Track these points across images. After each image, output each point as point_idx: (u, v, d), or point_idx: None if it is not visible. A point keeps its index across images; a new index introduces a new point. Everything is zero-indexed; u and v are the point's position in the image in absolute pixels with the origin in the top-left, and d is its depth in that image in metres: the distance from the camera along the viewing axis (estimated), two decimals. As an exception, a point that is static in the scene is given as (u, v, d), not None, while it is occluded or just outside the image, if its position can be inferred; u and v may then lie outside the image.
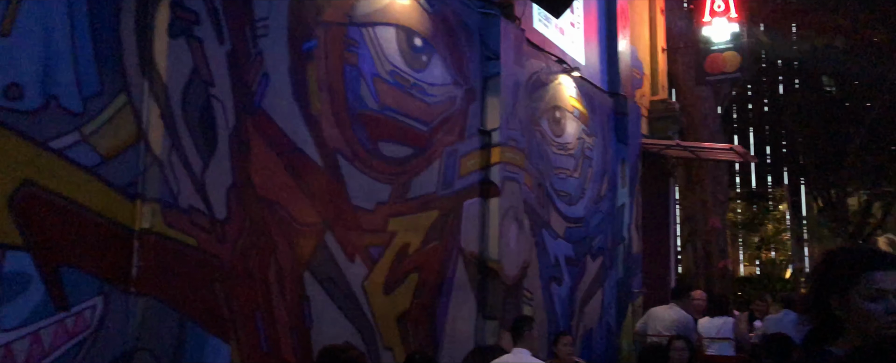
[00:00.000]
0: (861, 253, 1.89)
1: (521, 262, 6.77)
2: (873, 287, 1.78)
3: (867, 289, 1.79)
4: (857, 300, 1.80)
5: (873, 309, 1.78)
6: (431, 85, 5.85)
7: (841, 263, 1.88)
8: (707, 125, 12.60)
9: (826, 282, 1.88)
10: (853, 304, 1.80)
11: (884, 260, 1.84)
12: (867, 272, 1.81)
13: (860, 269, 1.82)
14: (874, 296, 1.78)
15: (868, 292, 1.79)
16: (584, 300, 8.23)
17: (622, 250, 9.04)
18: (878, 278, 1.79)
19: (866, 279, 1.80)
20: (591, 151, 8.45)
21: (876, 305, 1.78)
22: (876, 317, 1.77)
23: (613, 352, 8.78)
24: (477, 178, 6.37)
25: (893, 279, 1.81)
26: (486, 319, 6.35)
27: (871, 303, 1.78)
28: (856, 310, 1.80)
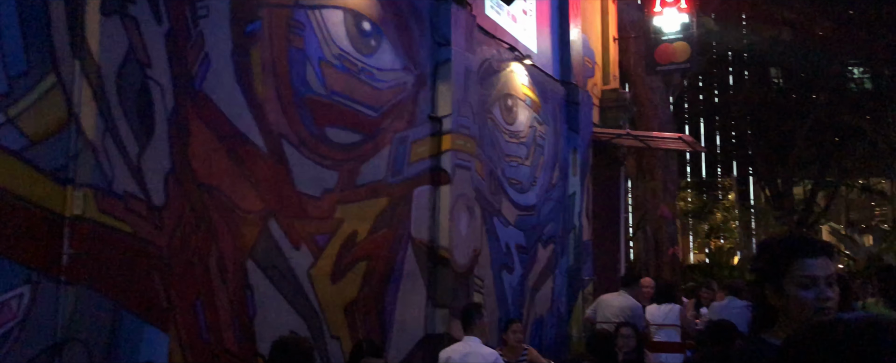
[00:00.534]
0: (792, 241, 1.89)
1: (472, 250, 6.75)
2: (804, 274, 1.79)
3: (798, 276, 1.80)
4: (789, 288, 1.80)
5: (804, 296, 1.78)
6: (380, 70, 5.76)
7: (773, 252, 1.89)
8: (658, 115, 12.78)
9: (761, 270, 1.89)
10: (786, 292, 1.81)
11: (813, 247, 1.84)
12: (798, 259, 1.81)
13: (791, 257, 1.82)
14: (805, 283, 1.79)
15: (799, 280, 1.79)
16: (535, 287, 8.27)
17: (573, 238, 9.11)
18: (809, 265, 1.80)
19: (797, 266, 1.80)
20: (542, 140, 8.47)
21: (807, 293, 1.78)
22: (807, 304, 1.78)
23: (564, 339, 8.86)
24: (427, 165, 6.32)
25: (823, 265, 1.81)
26: (436, 307, 6.32)
27: (803, 290, 1.79)
28: (788, 298, 1.81)
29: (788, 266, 1.82)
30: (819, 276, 1.79)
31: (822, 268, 1.80)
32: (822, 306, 1.78)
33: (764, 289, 1.87)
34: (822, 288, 1.79)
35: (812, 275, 1.79)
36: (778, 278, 1.83)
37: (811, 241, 1.88)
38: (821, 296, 1.78)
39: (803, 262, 1.81)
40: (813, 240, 1.91)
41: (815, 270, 1.79)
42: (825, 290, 1.79)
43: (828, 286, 1.81)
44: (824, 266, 1.82)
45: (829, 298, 1.80)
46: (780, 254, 1.86)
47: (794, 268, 1.81)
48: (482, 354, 5.30)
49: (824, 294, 1.79)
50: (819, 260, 1.81)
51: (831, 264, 1.86)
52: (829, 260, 1.84)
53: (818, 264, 1.80)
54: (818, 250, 1.83)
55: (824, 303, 1.78)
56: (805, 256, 1.81)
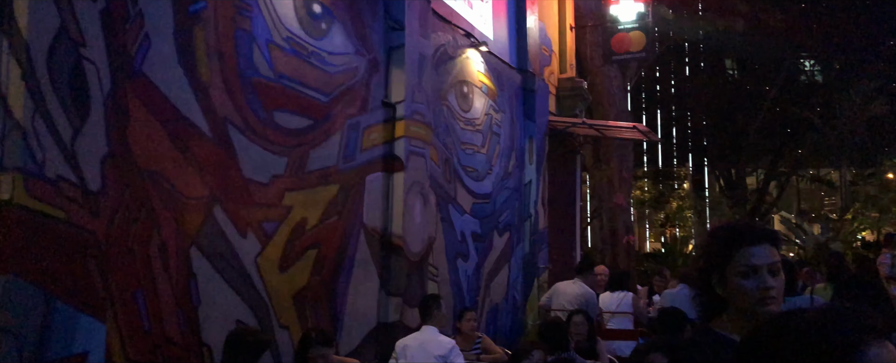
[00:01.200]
0: (734, 229, 1.86)
1: (426, 238, 6.68)
2: (746, 263, 1.76)
3: (740, 265, 1.77)
4: (733, 277, 1.78)
5: (746, 285, 1.76)
6: (331, 54, 5.64)
7: (717, 241, 1.86)
8: (614, 104, 12.86)
9: (706, 260, 1.87)
10: (729, 281, 1.79)
11: (756, 235, 1.81)
12: (740, 248, 1.78)
13: (734, 246, 1.79)
14: (746, 272, 1.76)
15: (740, 269, 1.77)
16: (491, 276, 8.25)
17: (529, 226, 9.12)
18: (750, 254, 1.77)
19: (739, 255, 1.78)
20: (498, 127, 8.44)
21: (749, 282, 1.76)
22: (749, 293, 1.76)
23: (519, 327, 8.87)
24: (380, 151, 6.22)
25: (765, 254, 1.78)
26: (389, 296, 6.24)
27: (745, 279, 1.76)
28: (732, 287, 1.78)
29: (731, 255, 1.79)
30: (760, 265, 1.76)
31: (764, 257, 1.78)
32: (763, 296, 1.75)
33: (710, 279, 1.84)
34: (764, 277, 1.76)
35: (753, 265, 1.76)
36: (722, 267, 1.80)
37: (754, 229, 1.84)
38: (762, 286, 1.75)
39: (745, 251, 1.78)
40: (756, 227, 1.87)
41: (756, 259, 1.77)
42: (767, 279, 1.76)
43: (770, 275, 1.77)
44: (767, 254, 1.78)
45: (770, 287, 1.77)
46: (723, 242, 1.83)
47: (737, 257, 1.78)
48: (439, 342, 5.27)
49: (766, 283, 1.76)
50: (761, 248, 1.78)
51: (775, 252, 1.82)
52: (772, 247, 1.81)
53: (760, 253, 1.77)
54: (761, 238, 1.81)
55: (766, 292, 1.75)
56: (747, 245, 1.78)
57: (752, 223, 2.00)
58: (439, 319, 5.50)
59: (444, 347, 5.18)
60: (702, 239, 1.97)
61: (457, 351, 5.36)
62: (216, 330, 4.54)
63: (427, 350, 5.14)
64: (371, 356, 6.09)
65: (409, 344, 5.35)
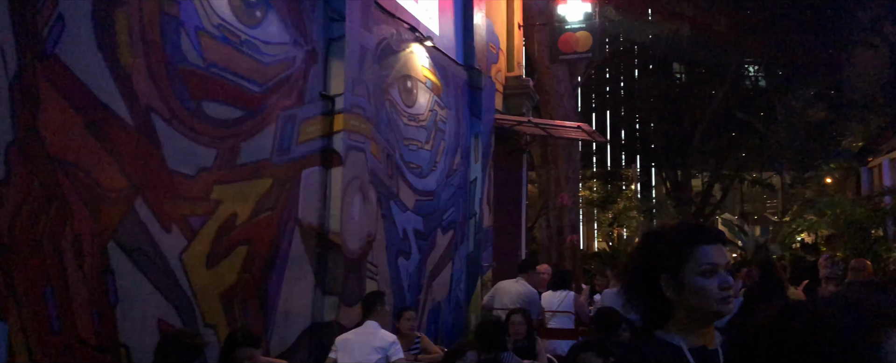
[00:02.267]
0: (689, 228, 1.80)
1: (365, 235, 6.53)
2: (707, 261, 1.71)
3: (699, 264, 1.71)
4: (690, 277, 1.71)
5: (707, 284, 1.71)
6: (266, 43, 5.43)
7: (670, 240, 1.78)
8: (563, 104, 12.88)
9: (653, 260, 1.77)
10: (686, 282, 1.72)
11: (711, 234, 1.78)
12: (697, 247, 1.73)
13: (690, 245, 1.74)
14: (707, 271, 1.71)
15: (700, 268, 1.71)
16: (433, 274, 8.14)
17: (473, 224, 9.03)
18: (708, 253, 1.73)
19: (697, 255, 1.72)
20: (443, 124, 8.32)
21: (709, 281, 1.71)
22: (711, 292, 1.71)
23: (462, 326, 8.78)
24: (318, 145, 6.04)
25: (721, 253, 1.76)
26: (324, 295, 6.07)
27: (704, 278, 1.71)
28: (688, 288, 1.71)
29: (687, 254, 1.73)
30: (719, 264, 1.73)
31: (721, 256, 1.75)
32: (725, 294, 1.71)
33: (658, 282, 1.75)
34: (724, 275, 1.73)
35: (713, 263, 1.72)
36: (676, 268, 1.73)
37: (708, 229, 1.81)
38: (723, 284, 1.71)
39: (703, 250, 1.73)
40: (709, 227, 1.83)
41: (715, 257, 1.73)
42: (727, 278, 1.73)
43: (727, 273, 1.74)
44: (722, 253, 1.76)
45: (730, 285, 1.74)
46: (678, 242, 1.76)
47: (694, 257, 1.72)
48: (381, 337, 5.18)
49: (726, 281, 1.72)
50: (717, 246, 1.75)
51: (726, 251, 1.81)
52: (724, 247, 1.79)
53: (717, 251, 1.74)
54: (715, 238, 1.78)
55: (727, 290, 1.72)
56: (704, 243, 1.74)
57: (703, 223, 1.94)
58: (382, 316, 5.42)
59: (384, 341, 5.10)
60: (644, 239, 1.87)
61: (397, 346, 5.28)
62: (135, 329, 4.31)
63: (367, 343, 5.05)
64: (305, 356, 5.92)
65: (350, 338, 5.27)
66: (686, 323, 1.73)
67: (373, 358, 5.12)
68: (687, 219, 21.75)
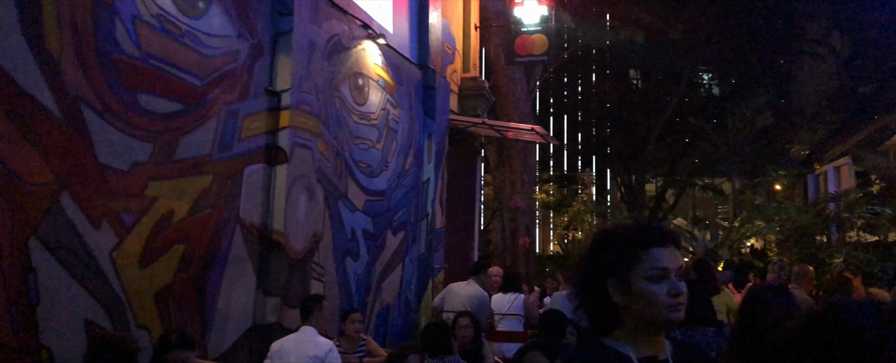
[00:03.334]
0: (639, 229, 1.67)
1: (311, 235, 6.37)
2: (655, 266, 1.59)
3: (648, 268, 1.59)
4: (638, 282, 1.59)
5: (655, 290, 1.58)
6: (209, 35, 5.24)
7: (618, 242, 1.65)
8: (519, 107, 12.88)
9: (601, 263, 1.64)
10: (634, 287, 1.59)
11: (663, 236, 1.64)
12: (647, 250, 1.61)
13: (639, 247, 1.61)
14: (656, 275, 1.58)
15: (649, 272, 1.59)
16: (383, 275, 8.00)
17: (425, 225, 8.92)
18: (659, 256, 1.60)
19: (646, 258, 1.60)
20: (396, 123, 8.19)
21: (658, 286, 1.58)
22: (659, 299, 1.58)
23: (412, 328, 8.66)
24: (262, 142, 5.87)
25: (673, 256, 1.62)
26: (266, 296, 5.90)
27: (653, 284, 1.58)
28: (637, 294, 1.59)
29: (636, 257, 1.60)
30: (670, 268, 1.59)
31: (673, 259, 1.61)
32: (674, 302, 1.58)
33: (606, 286, 1.62)
34: (674, 281, 1.59)
35: (663, 267, 1.58)
36: (624, 272, 1.60)
37: (660, 230, 1.67)
38: (673, 291, 1.58)
39: (653, 253, 1.60)
40: (661, 228, 1.69)
41: (666, 261, 1.59)
42: (677, 284, 1.59)
43: (679, 279, 1.61)
44: (674, 257, 1.62)
45: (681, 292, 1.60)
46: (626, 244, 1.63)
47: (643, 260, 1.60)
48: (317, 344, 5.03)
49: (677, 288, 1.59)
50: (668, 250, 1.61)
51: (679, 255, 1.66)
52: (677, 250, 1.65)
53: (668, 254, 1.61)
54: (668, 240, 1.64)
55: (677, 297, 1.58)
56: (654, 246, 1.61)
57: (656, 223, 1.79)
58: (320, 321, 5.26)
59: (321, 348, 4.93)
60: (594, 240, 1.74)
61: (335, 353, 5.12)
62: (59, 331, 4.10)
63: (303, 351, 4.88)
64: (245, 359, 5.74)
65: (285, 345, 5.09)
66: (634, 330, 1.62)
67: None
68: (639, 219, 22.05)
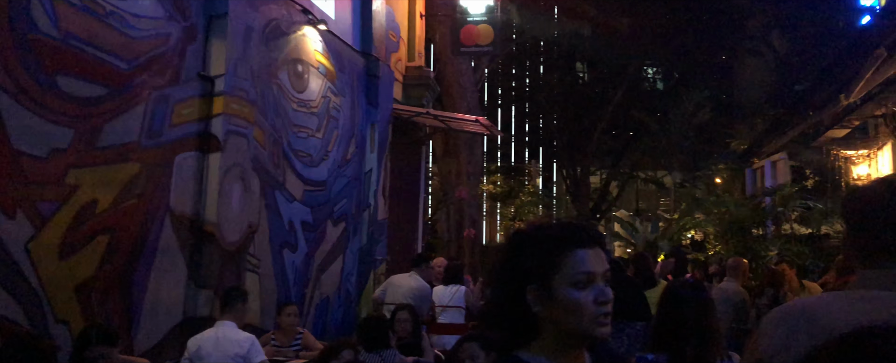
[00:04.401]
0: (561, 229, 1.47)
1: (246, 226, 6.19)
2: (581, 269, 1.41)
3: (572, 273, 1.41)
4: (561, 288, 1.41)
5: (580, 298, 1.40)
6: (136, 16, 5.01)
7: (537, 244, 1.46)
8: (465, 97, 12.81)
9: (519, 269, 1.46)
10: (556, 295, 1.41)
11: (587, 236, 1.45)
12: (570, 252, 1.42)
13: (561, 249, 1.43)
14: (581, 281, 1.41)
15: (572, 277, 1.41)
16: (322, 267, 7.85)
17: (367, 216, 8.79)
18: (584, 259, 1.42)
19: (570, 261, 1.42)
20: (337, 112, 8.03)
21: (584, 293, 1.41)
22: (585, 308, 1.40)
23: (352, 320, 8.53)
24: (194, 129, 5.66)
25: (599, 259, 1.44)
26: (198, 288, 5.71)
27: (578, 290, 1.41)
28: (559, 302, 1.41)
29: (558, 261, 1.42)
30: (596, 272, 1.42)
31: (599, 262, 1.44)
32: (601, 311, 1.41)
33: (524, 294, 1.43)
34: (601, 287, 1.42)
35: (589, 271, 1.41)
36: (545, 278, 1.42)
37: (583, 229, 1.47)
38: (600, 298, 1.41)
39: (577, 256, 1.42)
40: (585, 227, 1.49)
41: (591, 265, 1.42)
42: (605, 290, 1.42)
43: (606, 284, 1.44)
44: (600, 259, 1.44)
45: (609, 299, 1.43)
46: (547, 246, 1.44)
47: (566, 264, 1.42)
48: (236, 340, 4.84)
49: (604, 295, 1.42)
50: (594, 251, 1.44)
51: (605, 257, 1.48)
52: (603, 252, 1.47)
53: (594, 257, 1.43)
54: (592, 240, 1.45)
55: (604, 305, 1.42)
56: (578, 247, 1.43)
57: (580, 222, 1.59)
58: (241, 314, 5.06)
59: (241, 346, 4.76)
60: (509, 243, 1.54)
61: (257, 347, 4.95)
62: (-34, 326, 3.86)
63: (223, 349, 4.70)
64: (176, 352, 5.53)
65: (203, 345, 4.86)
66: (554, 343, 1.43)
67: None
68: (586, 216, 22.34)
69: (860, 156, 11.05)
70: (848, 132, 11.84)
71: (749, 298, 6.61)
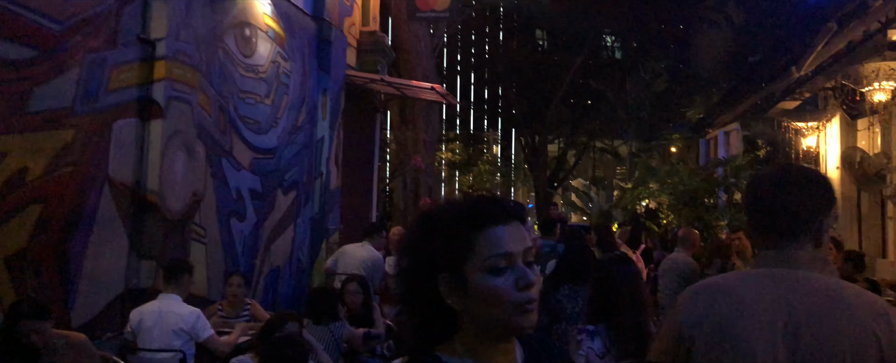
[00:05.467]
0: (471, 205, 1.26)
1: (190, 195, 6.00)
2: (496, 251, 1.21)
3: (487, 255, 1.21)
4: (475, 276, 1.21)
5: (499, 285, 1.20)
6: (68, -26, 4.74)
7: (445, 225, 1.25)
8: (422, 64, 12.63)
9: (427, 256, 1.25)
10: (471, 283, 1.21)
11: (502, 210, 1.25)
12: (482, 232, 1.22)
13: (472, 229, 1.22)
14: (497, 265, 1.21)
15: (487, 261, 1.21)
16: (272, 237, 7.70)
17: (319, 185, 8.64)
18: (500, 237, 1.22)
19: (484, 241, 1.21)
20: (287, 77, 7.80)
21: (502, 279, 1.21)
22: (505, 297, 1.20)
23: (303, 291, 8.42)
24: (133, 94, 5.42)
25: (519, 235, 1.23)
26: (140, 259, 5.53)
27: (495, 276, 1.21)
28: (474, 291, 1.21)
29: (470, 243, 1.22)
30: (515, 252, 1.21)
31: (518, 240, 1.23)
32: (525, 297, 1.20)
33: (436, 285, 1.24)
34: (522, 268, 1.22)
35: (506, 252, 1.21)
36: (457, 264, 1.22)
37: (496, 202, 1.27)
38: (522, 281, 1.21)
39: (491, 235, 1.22)
40: (498, 200, 1.28)
41: (509, 244, 1.21)
42: (526, 272, 1.21)
43: (528, 266, 1.23)
44: (520, 236, 1.23)
45: (532, 283, 1.21)
46: (456, 226, 1.23)
47: (480, 245, 1.21)
48: (180, 314, 4.71)
49: (526, 277, 1.21)
50: (511, 227, 1.23)
51: (526, 234, 1.28)
52: (522, 226, 1.26)
53: (511, 234, 1.23)
54: (508, 214, 1.24)
55: (527, 289, 1.21)
56: (492, 225, 1.22)
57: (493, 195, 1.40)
58: (185, 287, 4.93)
59: (186, 321, 4.64)
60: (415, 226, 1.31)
61: (203, 322, 4.84)
62: None
63: (166, 322, 4.57)
64: (118, 324, 5.38)
65: (145, 318, 4.73)
66: (475, 339, 1.24)
67: (176, 342, 4.64)
68: (543, 185, 22.40)
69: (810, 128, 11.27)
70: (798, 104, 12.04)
71: (698, 268, 6.69)
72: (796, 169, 1.82)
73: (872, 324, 1.54)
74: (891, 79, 7.78)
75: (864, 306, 1.57)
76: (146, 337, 4.60)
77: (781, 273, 1.63)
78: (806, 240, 1.64)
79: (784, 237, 1.65)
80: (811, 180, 1.69)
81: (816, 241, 1.65)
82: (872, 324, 1.54)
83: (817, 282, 1.60)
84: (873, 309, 1.57)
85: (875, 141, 10.10)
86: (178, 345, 4.60)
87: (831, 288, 1.60)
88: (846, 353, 1.52)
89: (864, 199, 10.49)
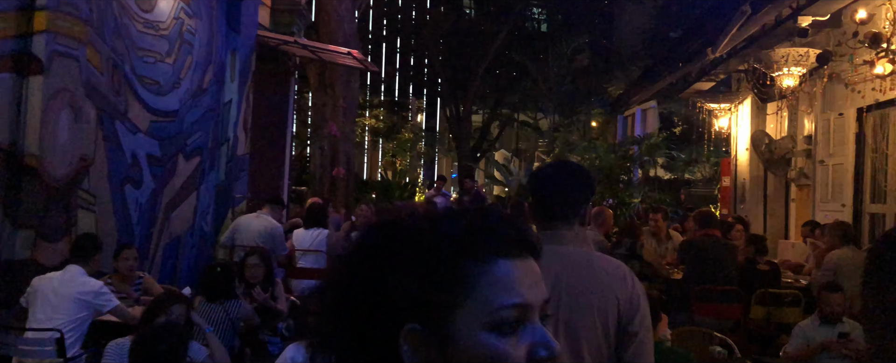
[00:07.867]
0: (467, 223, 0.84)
1: (77, 159, 5.52)
2: (507, 301, 0.80)
3: (495, 305, 0.80)
4: (471, 333, 0.79)
5: (509, 352, 0.79)
6: None
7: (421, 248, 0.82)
8: (343, 29, 12.20)
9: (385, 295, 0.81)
10: (460, 342, 0.79)
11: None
12: (487, 265, 0.81)
13: (472, 260, 0.81)
14: (508, 319, 0.80)
15: (497, 314, 0.79)
16: (172, 205, 7.26)
17: (226, 151, 8.22)
18: (514, 278, 0.81)
19: (489, 281, 0.80)
20: (191, 35, 7.30)
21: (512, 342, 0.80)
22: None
23: (207, 261, 8.03)
24: (8, 47, 4.91)
25: (536, 278, 0.83)
26: (16, 228, 5.07)
27: (502, 337, 0.79)
28: (466, 357, 0.79)
29: (465, 282, 0.80)
30: (533, 304, 0.81)
31: (535, 285, 0.82)
32: None
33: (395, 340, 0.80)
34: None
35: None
36: (440, 314, 0.80)
37: (505, 224, 0.84)
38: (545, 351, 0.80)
39: (499, 272, 0.81)
40: (506, 219, 0.85)
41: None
42: (548, 340, 0.80)
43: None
44: (536, 279, 0.83)
45: (555, 355, 0.80)
46: (443, 256, 0.81)
47: (482, 289, 0.80)
48: (84, 283, 4.46)
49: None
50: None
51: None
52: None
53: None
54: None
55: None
56: (499, 256, 0.81)
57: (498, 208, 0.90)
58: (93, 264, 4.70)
59: (88, 293, 4.40)
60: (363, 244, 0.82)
61: (107, 295, 4.59)
62: None
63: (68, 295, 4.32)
64: (-10, 299, 4.95)
65: (45, 285, 4.48)
66: None
67: (76, 314, 4.39)
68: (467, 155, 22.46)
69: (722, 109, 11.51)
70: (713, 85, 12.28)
71: (609, 247, 6.70)
72: (569, 165, 2.27)
73: (614, 285, 1.92)
74: (799, 64, 7.92)
75: (609, 272, 1.95)
76: (44, 306, 4.32)
77: (552, 248, 1.83)
78: (574, 221, 2.00)
79: (556, 219, 1.99)
80: (580, 174, 2.10)
81: (581, 221, 2.02)
82: (614, 285, 1.92)
83: (578, 254, 1.96)
84: (616, 274, 1.95)
85: (783, 125, 10.39)
86: (77, 316, 4.34)
87: (587, 258, 1.97)
88: (594, 308, 1.89)
89: (771, 181, 10.82)
